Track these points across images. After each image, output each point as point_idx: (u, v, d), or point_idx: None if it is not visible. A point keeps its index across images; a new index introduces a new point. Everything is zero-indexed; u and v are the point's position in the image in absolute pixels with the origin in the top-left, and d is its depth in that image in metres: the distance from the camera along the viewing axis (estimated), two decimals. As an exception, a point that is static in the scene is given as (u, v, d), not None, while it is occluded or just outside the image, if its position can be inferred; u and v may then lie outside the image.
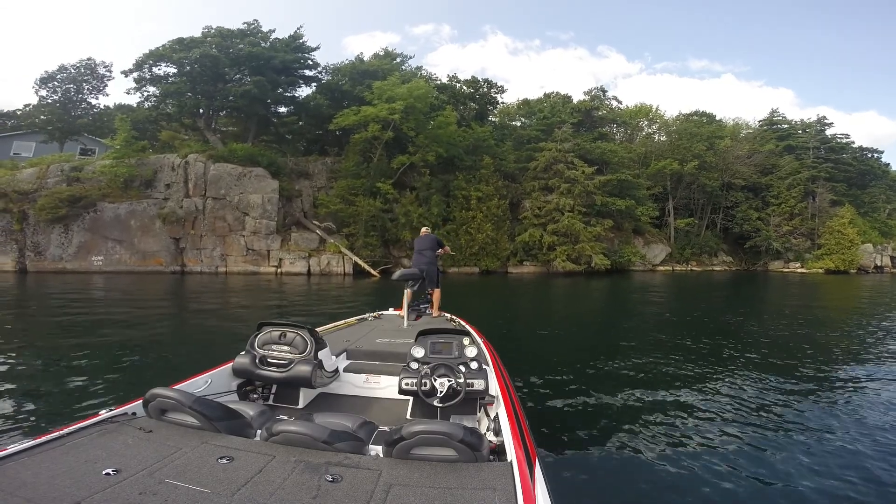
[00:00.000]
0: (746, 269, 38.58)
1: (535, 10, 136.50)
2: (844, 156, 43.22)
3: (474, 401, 3.07)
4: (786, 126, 45.29)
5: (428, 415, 3.04)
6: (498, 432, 2.47)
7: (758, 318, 12.17)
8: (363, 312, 5.94)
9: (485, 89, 35.88)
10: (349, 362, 3.84)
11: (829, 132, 43.59)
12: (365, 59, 32.59)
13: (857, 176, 43.50)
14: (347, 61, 32.35)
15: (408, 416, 3.20)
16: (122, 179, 22.64)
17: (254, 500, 1.49)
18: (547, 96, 40.36)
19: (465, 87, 35.41)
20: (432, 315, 6.08)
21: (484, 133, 31.02)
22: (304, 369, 3.09)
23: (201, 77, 25.67)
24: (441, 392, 2.85)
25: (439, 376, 2.91)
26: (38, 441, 1.82)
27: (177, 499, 1.47)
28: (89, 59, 29.13)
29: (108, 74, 29.67)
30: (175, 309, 12.52)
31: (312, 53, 29.21)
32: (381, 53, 33.83)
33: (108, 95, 43.64)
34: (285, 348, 3.23)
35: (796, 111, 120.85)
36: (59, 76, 28.64)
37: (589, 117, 37.05)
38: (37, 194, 21.60)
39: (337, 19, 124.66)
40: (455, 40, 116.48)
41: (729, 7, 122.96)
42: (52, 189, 21.83)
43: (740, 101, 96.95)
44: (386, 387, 3.54)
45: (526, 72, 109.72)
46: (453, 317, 5.83)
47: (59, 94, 28.85)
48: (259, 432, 2.16)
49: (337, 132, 29.49)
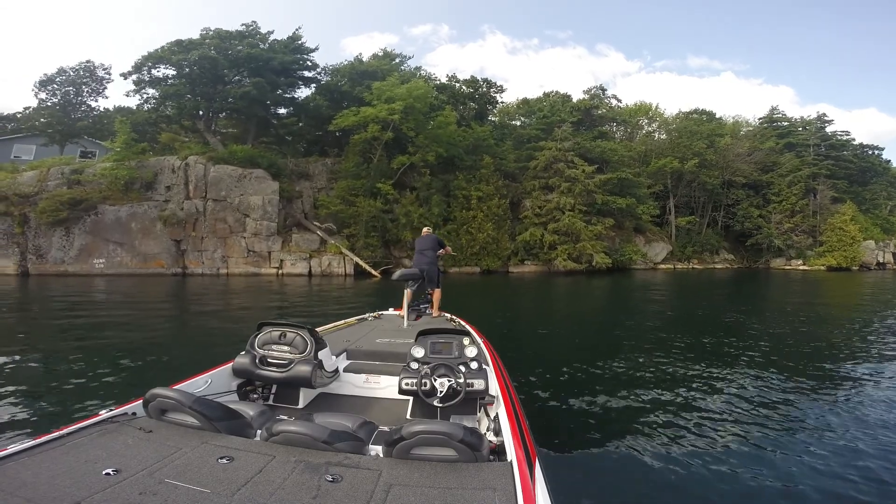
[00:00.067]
0: (748, 266, 38.47)
1: (533, 10, 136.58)
2: (845, 153, 43.10)
3: (474, 401, 3.07)
4: (786, 123, 45.18)
5: (428, 415, 3.03)
6: (498, 432, 2.47)
7: (759, 315, 12.15)
8: (364, 313, 5.95)
9: (484, 89, 35.84)
10: (349, 362, 3.83)
11: (829, 129, 43.49)
12: (364, 59, 32.59)
13: (857, 173, 43.39)
14: (346, 62, 32.41)
15: (408, 416, 3.20)
16: (122, 182, 22.64)
17: (254, 500, 1.49)
18: (546, 95, 40.24)
19: (464, 87, 35.36)
20: (432, 315, 6.08)
21: (484, 133, 30.97)
22: (304, 369, 3.09)
23: (200, 79, 25.66)
24: (441, 392, 2.85)
25: (439, 376, 2.90)
26: (38, 441, 1.82)
27: (177, 499, 1.47)
28: (88, 62, 29.27)
29: (107, 77, 29.80)
30: (176, 311, 12.55)
31: (311, 54, 29.24)
32: (380, 54, 33.81)
33: (107, 98, 43.59)
34: (285, 348, 3.23)
35: (796, 109, 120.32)
36: (58, 79, 28.71)
37: (588, 116, 36.95)
38: (38, 197, 21.61)
39: (335, 20, 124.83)
40: (454, 40, 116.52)
41: (728, 5, 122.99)
42: (53, 192, 21.84)
43: (740, 99, 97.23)
44: (386, 387, 3.54)
45: (525, 71, 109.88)
46: (453, 317, 5.83)
47: (59, 97, 28.90)
48: (259, 432, 2.16)
49: (337, 133, 29.46)
